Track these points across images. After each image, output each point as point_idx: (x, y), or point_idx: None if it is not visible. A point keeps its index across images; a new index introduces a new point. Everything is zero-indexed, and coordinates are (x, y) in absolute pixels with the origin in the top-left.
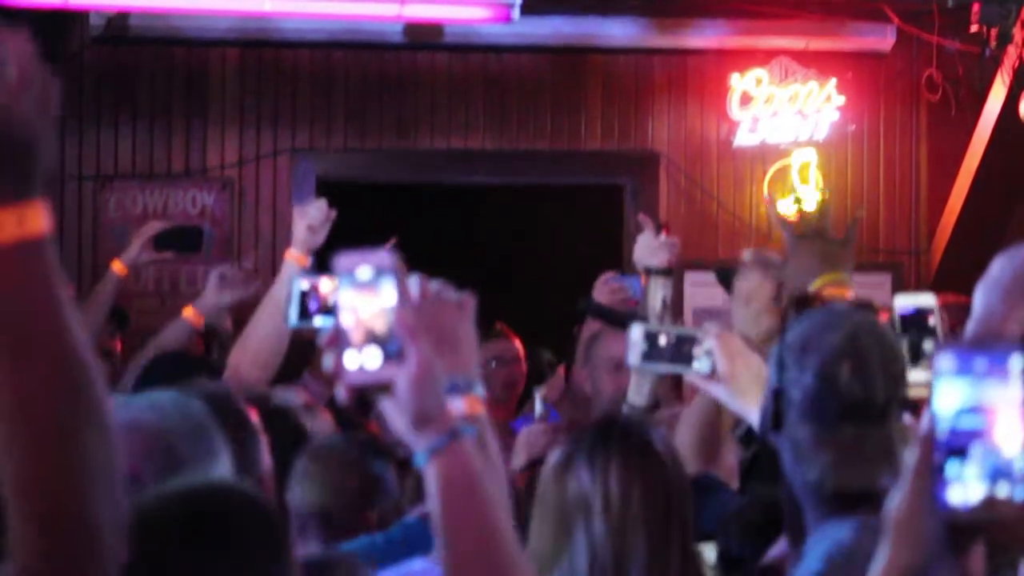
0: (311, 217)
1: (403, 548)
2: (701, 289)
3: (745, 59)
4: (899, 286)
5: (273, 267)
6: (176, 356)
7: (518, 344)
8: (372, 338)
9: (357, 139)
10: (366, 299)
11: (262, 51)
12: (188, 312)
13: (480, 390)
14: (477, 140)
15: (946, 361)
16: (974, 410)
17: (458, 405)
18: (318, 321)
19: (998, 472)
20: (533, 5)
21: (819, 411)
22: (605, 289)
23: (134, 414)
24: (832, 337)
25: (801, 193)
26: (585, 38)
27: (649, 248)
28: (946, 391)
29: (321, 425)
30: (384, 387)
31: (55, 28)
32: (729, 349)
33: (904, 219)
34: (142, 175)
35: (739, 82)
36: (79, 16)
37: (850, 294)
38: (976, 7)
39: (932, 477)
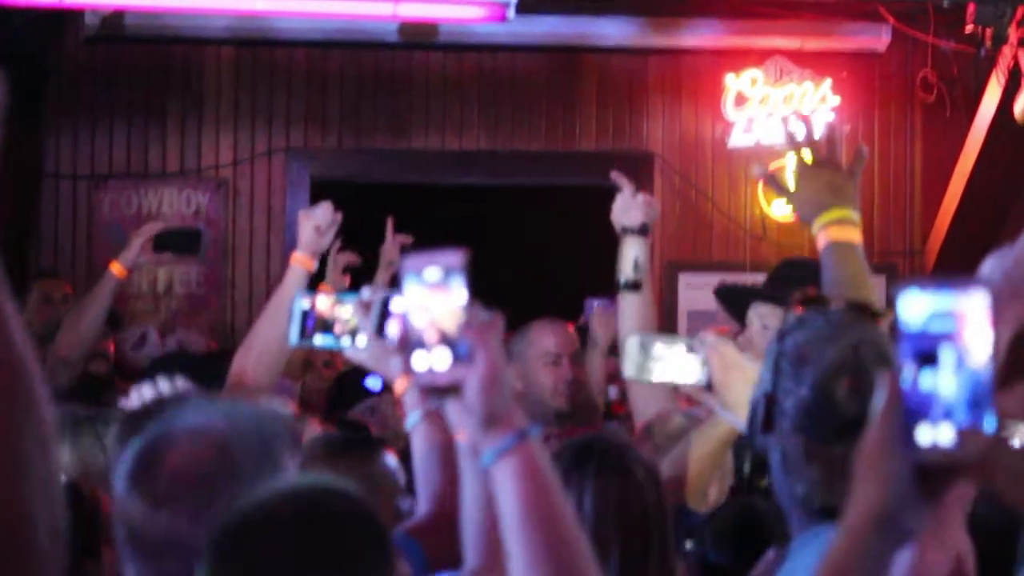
0: (318, 219)
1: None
2: (695, 292)
3: (740, 59)
4: (894, 287)
5: (267, 267)
6: (187, 355)
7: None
8: (442, 339)
9: (351, 139)
10: (436, 299)
11: (257, 50)
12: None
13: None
14: (471, 140)
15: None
16: (944, 315)
17: None
18: (318, 340)
19: (969, 397)
20: (528, 5)
21: (813, 426)
22: (604, 317)
23: (203, 420)
24: (831, 351)
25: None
26: (580, 38)
27: (625, 207)
28: (913, 303)
29: (312, 433)
30: (454, 388)
31: (50, 27)
32: (723, 360)
33: (899, 220)
34: (137, 175)
35: (734, 82)
36: (74, 15)
37: (857, 235)
38: (971, 7)
39: (901, 419)
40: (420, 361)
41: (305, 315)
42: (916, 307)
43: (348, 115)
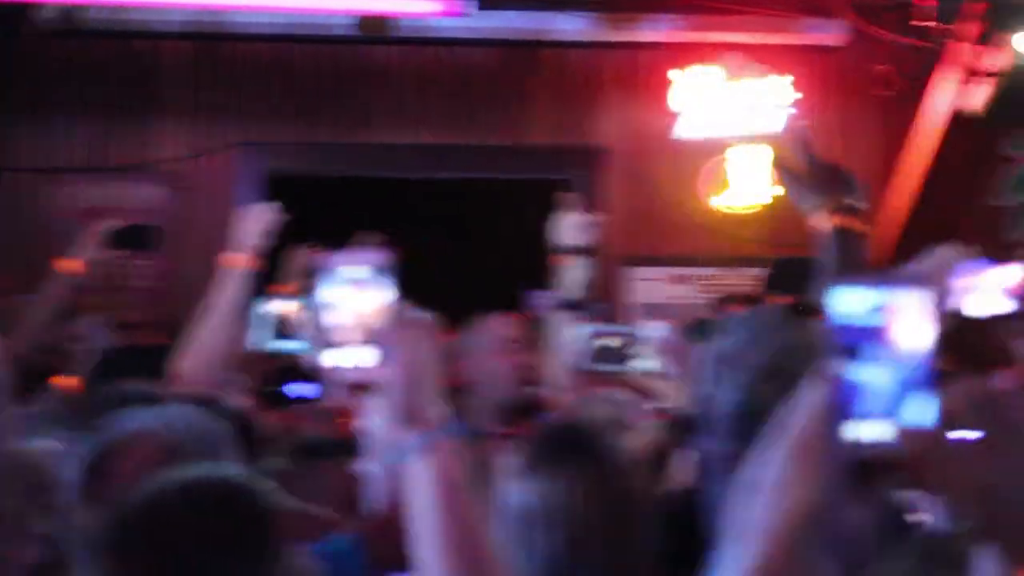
0: (259, 219)
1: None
2: (647, 285)
3: (695, 54)
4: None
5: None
6: (136, 350)
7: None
8: (365, 336)
9: (307, 133)
10: (362, 297)
11: (213, 45)
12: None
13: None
14: (427, 134)
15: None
16: (876, 310)
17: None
18: (278, 344)
19: (902, 392)
20: None
21: (744, 429)
22: (675, 352)
23: (149, 423)
24: (761, 354)
25: (747, 188)
26: (537, 33)
27: (577, 227)
28: (846, 298)
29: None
30: (376, 384)
31: (8, 19)
32: (674, 349)
33: None
34: (92, 168)
35: (688, 77)
36: (32, 8)
37: (863, 226)
38: (927, 3)
39: (834, 415)
40: (343, 357)
41: (278, 319)
42: (849, 303)
43: (304, 110)
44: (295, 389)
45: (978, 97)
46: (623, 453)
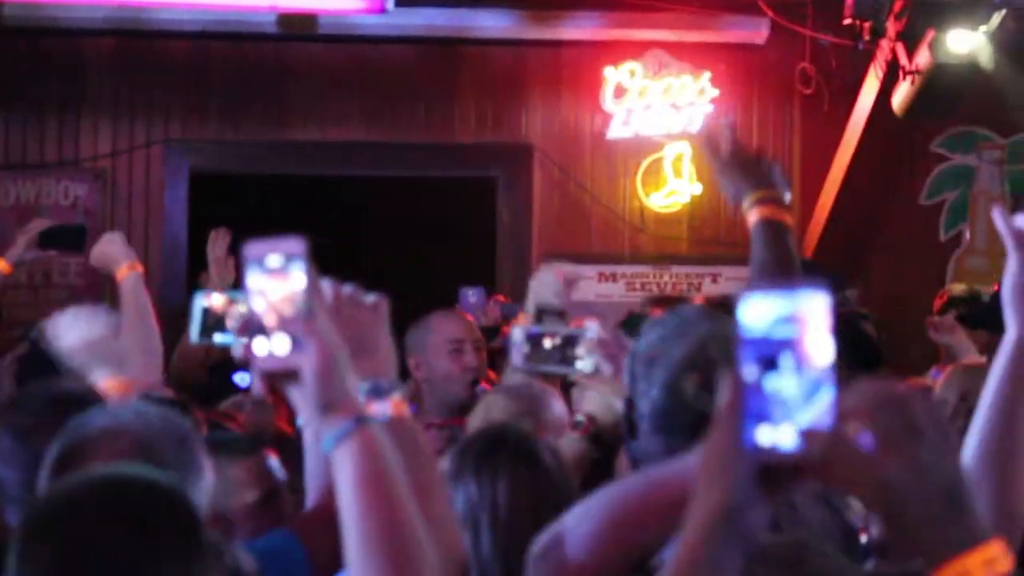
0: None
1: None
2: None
3: (619, 51)
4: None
5: (146, 259)
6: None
7: None
8: (281, 325)
9: (231, 130)
10: (276, 285)
11: (136, 41)
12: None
13: (402, 392)
14: (351, 132)
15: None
16: (785, 319)
17: (384, 408)
18: (217, 338)
19: (809, 398)
20: None
21: (668, 425)
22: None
23: (119, 419)
24: (678, 349)
25: (674, 187)
26: (459, 30)
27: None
28: (755, 307)
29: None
30: (292, 374)
31: None
32: (612, 350)
33: None
34: (15, 165)
35: (613, 74)
36: None
37: (788, 217)
38: (849, 0)
39: (743, 420)
40: (260, 346)
41: (206, 312)
42: (758, 311)
43: (227, 107)
44: (241, 379)
45: (901, 95)
46: (551, 454)
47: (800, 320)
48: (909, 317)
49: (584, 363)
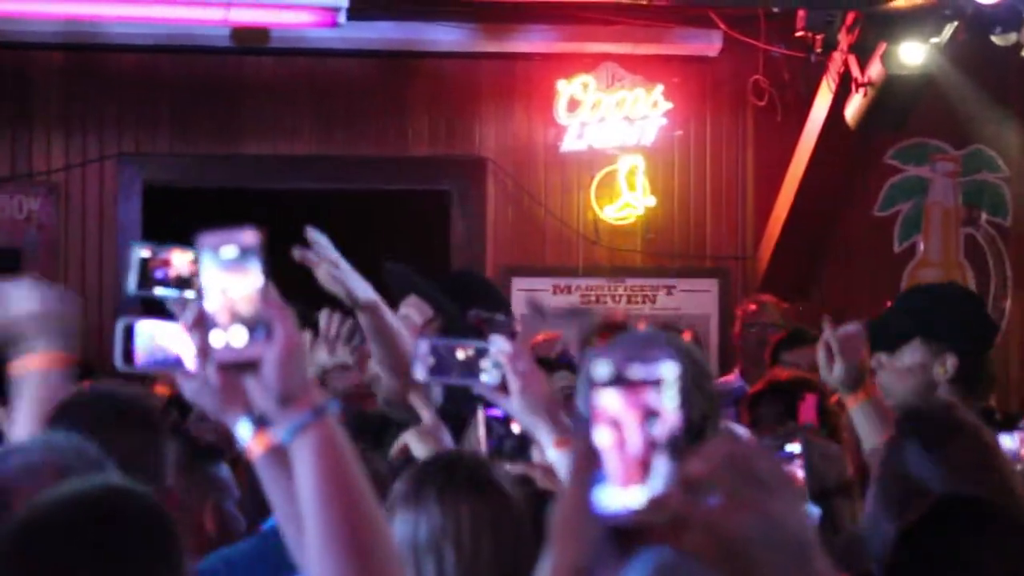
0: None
1: (262, 565)
2: (529, 294)
3: (572, 64)
4: (726, 291)
5: (100, 273)
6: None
7: None
8: (238, 317)
9: (183, 144)
10: (232, 278)
11: (87, 55)
12: None
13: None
14: (303, 145)
15: (602, 367)
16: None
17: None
18: (159, 291)
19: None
20: (359, 10)
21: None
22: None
23: (34, 456)
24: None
25: (629, 199)
26: (411, 43)
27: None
28: (602, 369)
29: None
30: (250, 365)
31: None
32: (519, 365)
33: (731, 224)
34: None
35: (566, 87)
36: None
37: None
38: (801, 13)
39: (590, 481)
40: (217, 339)
41: (146, 263)
42: (599, 368)
43: (180, 120)
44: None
45: (854, 107)
46: (509, 483)
47: (649, 385)
48: None
49: (489, 375)
